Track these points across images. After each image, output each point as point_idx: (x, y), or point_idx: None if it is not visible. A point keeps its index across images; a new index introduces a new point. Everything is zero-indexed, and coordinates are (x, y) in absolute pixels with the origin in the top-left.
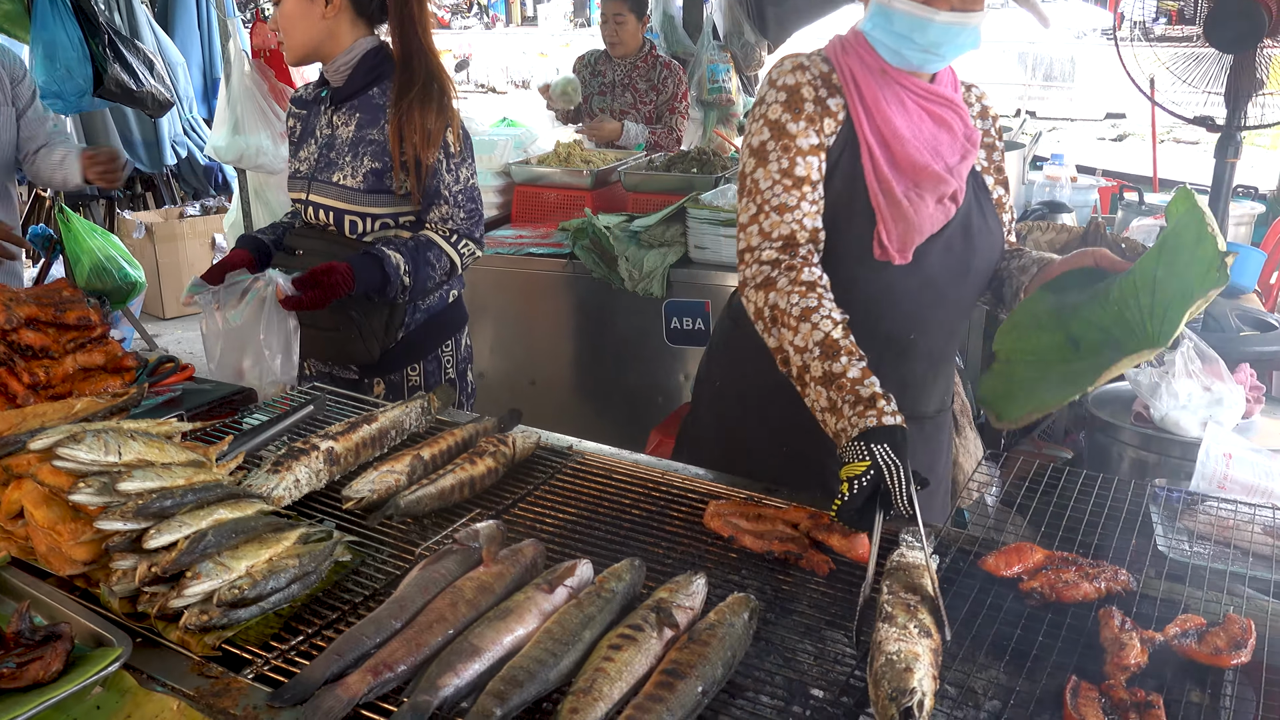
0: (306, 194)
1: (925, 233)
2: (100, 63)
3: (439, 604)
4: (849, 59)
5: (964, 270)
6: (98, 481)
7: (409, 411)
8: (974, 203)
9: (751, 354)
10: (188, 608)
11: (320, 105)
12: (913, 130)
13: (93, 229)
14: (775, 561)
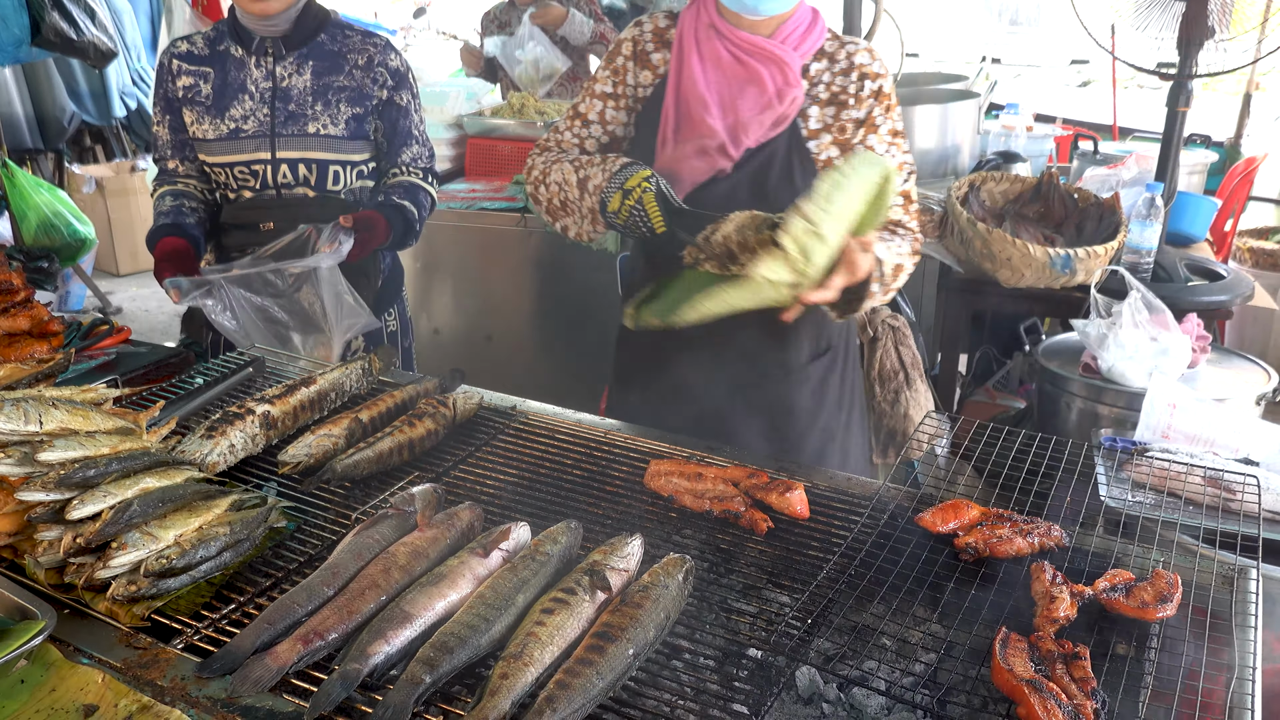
0: (272, 152)
1: (685, 181)
2: (37, 10)
3: (372, 570)
4: (689, 14)
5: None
6: (18, 452)
7: (349, 373)
8: (777, 156)
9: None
10: (115, 578)
11: (244, 58)
12: (713, 83)
13: (39, 184)
14: (715, 521)
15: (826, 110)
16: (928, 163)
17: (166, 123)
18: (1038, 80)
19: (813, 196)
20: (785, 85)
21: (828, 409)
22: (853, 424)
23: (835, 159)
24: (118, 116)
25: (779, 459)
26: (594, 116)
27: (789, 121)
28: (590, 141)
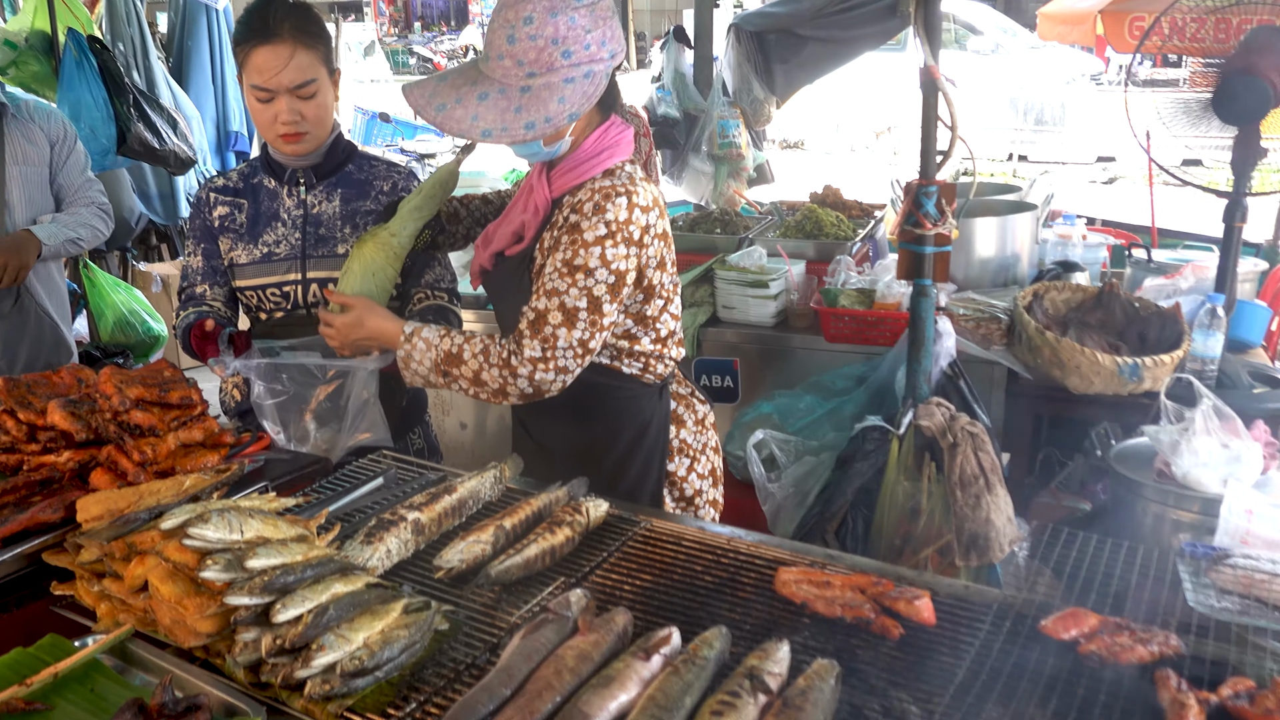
0: (302, 273)
1: (474, 266)
2: (124, 122)
3: (544, 672)
4: None
5: (499, 316)
6: (223, 559)
7: (484, 481)
8: (512, 269)
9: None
10: (310, 678)
11: (276, 188)
12: (521, 194)
13: (116, 283)
14: (848, 626)
15: (555, 233)
16: (988, 272)
17: (201, 250)
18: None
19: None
20: (526, 211)
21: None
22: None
23: (544, 271)
24: (183, 217)
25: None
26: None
27: (527, 241)
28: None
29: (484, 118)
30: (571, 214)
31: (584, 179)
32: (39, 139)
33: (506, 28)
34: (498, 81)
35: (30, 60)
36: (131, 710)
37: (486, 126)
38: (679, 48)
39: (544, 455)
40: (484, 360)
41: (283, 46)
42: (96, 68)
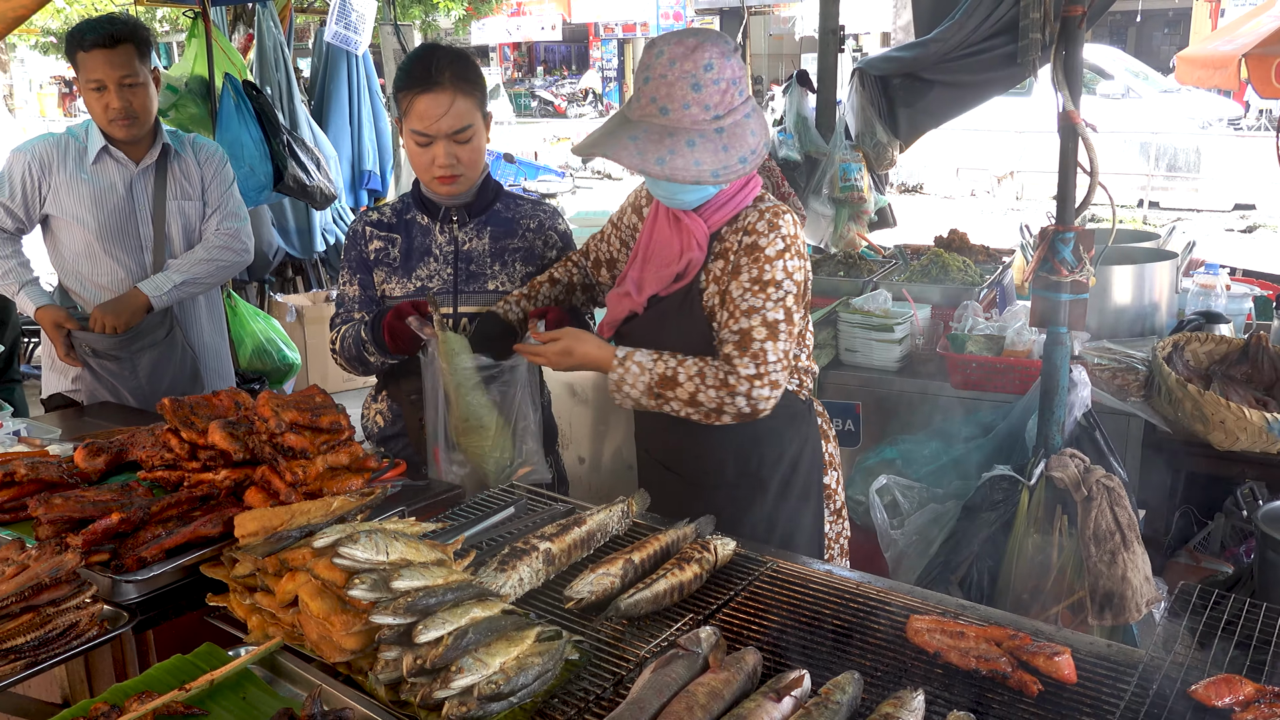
0: (454, 307)
1: (611, 317)
2: (280, 160)
3: (675, 707)
4: None
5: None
6: (370, 579)
7: (612, 514)
8: (675, 305)
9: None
10: (449, 699)
11: (429, 225)
12: (654, 240)
13: (255, 313)
14: (982, 680)
15: (717, 264)
16: (1124, 321)
17: (356, 281)
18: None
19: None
20: (688, 249)
21: (788, 507)
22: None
23: (715, 307)
24: (318, 251)
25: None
26: (607, 234)
27: (689, 278)
28: (602, 253)
29: (705, 162)
30: (745, 236)
31: (739, 210)
32: (194, 173)
33: (688, 78)
34: (689, 130)
35: (189, 103)
36: (284, 718)
37: (713, 168)
38: (801, 91)
39: (691, 483)
40: (700, 382)
41: (443, 94)
42: (252, 110)
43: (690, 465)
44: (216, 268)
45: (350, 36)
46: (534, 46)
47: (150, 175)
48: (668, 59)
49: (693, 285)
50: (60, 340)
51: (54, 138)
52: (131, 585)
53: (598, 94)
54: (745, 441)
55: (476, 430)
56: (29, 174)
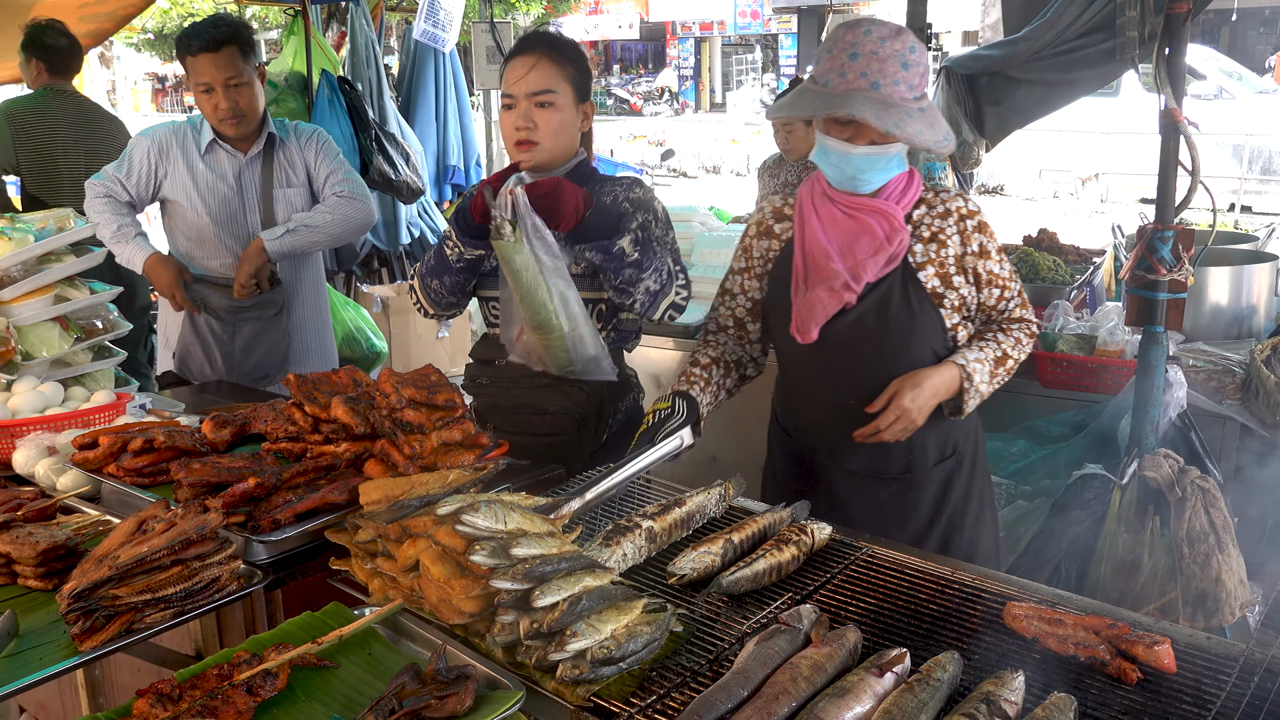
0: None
1: (817, 316)
2: (367, 154)
3: (779, 678)
4: (805, 189)
5: (880, 344)
6: (490, 545)
7: (710, 497)
8: (896, 288)
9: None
10: (563, 661)
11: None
12: (832, 237)
13: (346, 301)
14: (1080, 666)
15: (929, 246)
16: (1220, 323)
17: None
18: None
19: None
20: (892, 230)
21: (949, 511)
22: (980, 527)
23: (937, 287)
24: (403, 244)
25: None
26: (736, 290)
27: (899, 259)
28: (740, 310)
29: (924, 132)
30: (965, 220)
31: (919, 192)
32: (297, 160)
33: (898, 56)
34: (899, 104)
35: (288, 98)
36: (409, 673)
37: (931, 139)
38: None
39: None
40: (1021, 348)
41: (529, 57)
42: (344, 105)
43: (897, 460)
44: (335, 218)
45: (438, 34)
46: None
47: (257, 164)
48: (877, 37)
49: (905, 269)
50: (169, 281)
51: (175, 126)
52: (264, 546)
53: (674, 92)
54: (946, 426)
55: (543, 326)
56: (147, 158)
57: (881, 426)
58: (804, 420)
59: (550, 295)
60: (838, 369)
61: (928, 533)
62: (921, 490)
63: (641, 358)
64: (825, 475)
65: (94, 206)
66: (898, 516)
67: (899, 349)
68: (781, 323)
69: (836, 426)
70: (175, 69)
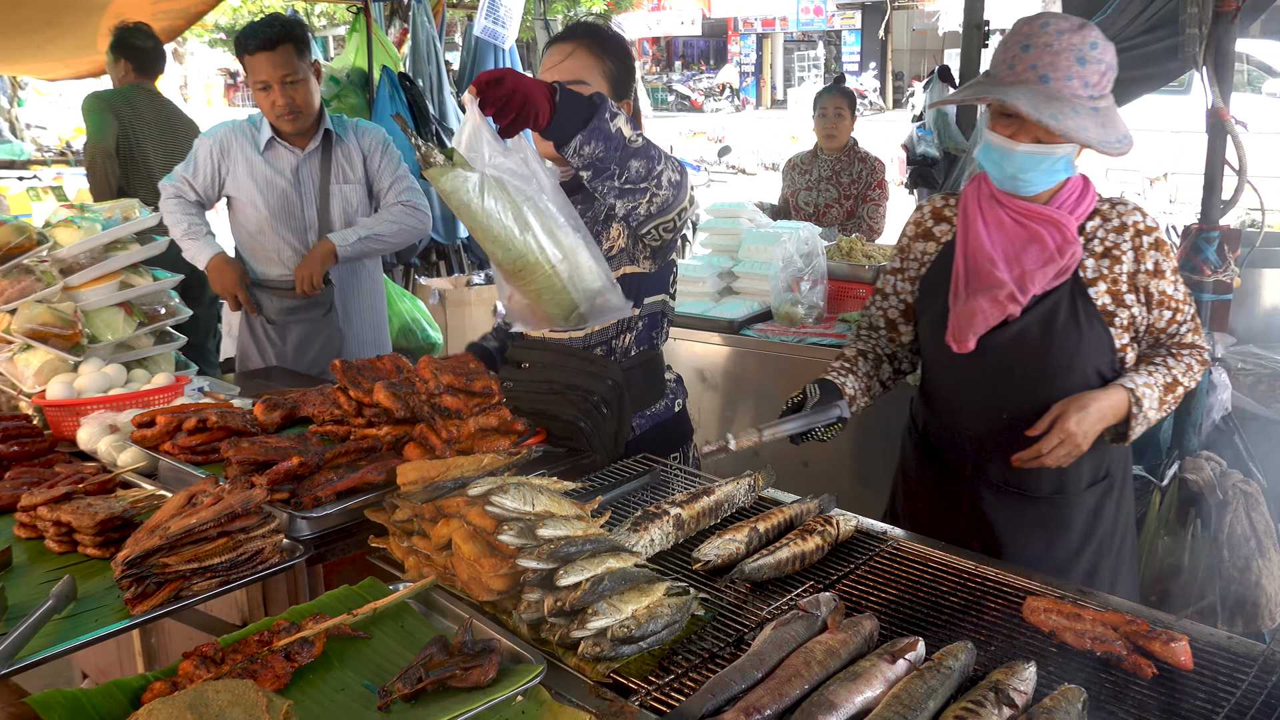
0: None
1: (976, 326)
2: None
3: (794, 661)
4: (971, 189)
5: (1042, 359)
6: (517, 526)
7: (739, 487)
8: (1064, 303)
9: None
10: (585, 639)
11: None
12: (998, 243)
13: (402, 293)
14: (1095, 660)
15: (1101, 262)
16: (1274, 326)
17: None
18: None
19: None
20: (1064, 242)
21: (1099, 535)
22: (1123, 553)
23: (1108, 305)
24: (461, 238)
25: (1155, 611)
26: (889, 290)
27: (1070, 273)
28: (892, 311)
29: (1089, 130)
30: (1142, 236)
31: (1094, 202)
32: (356, 157)
33: (1075, 50)
34: (1068, 99)
35: (349, 93)
36: (437, 645)
37: (1100, 138)
38: (943, 87)
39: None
40: (1192, 375)
41: (567, 44)
42: (405, 100)
43: (1048, 480)
44: (399, 229)
45: (498, 31)
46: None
47: (315, 160)
48: (1054, 30)
49: (1076, 283)
50: (230, 282)
51: (236, 124)
52: (306, 522)
53: (735, 89)
54: (1102, 448)
55: (524, 269)
56: (210, 157)
57: (1043, 450)
58: (950, 431)
59: (525, 223)
60: (994, 382)
61: (1076, 558)
62: (1072, 513)
63: (686, 352)
64: (969, 489)
65: (166, 206)
66: (1044, 538)
67: (1062, 367)
68: (934, 329)
69: (986, 441)
70: None
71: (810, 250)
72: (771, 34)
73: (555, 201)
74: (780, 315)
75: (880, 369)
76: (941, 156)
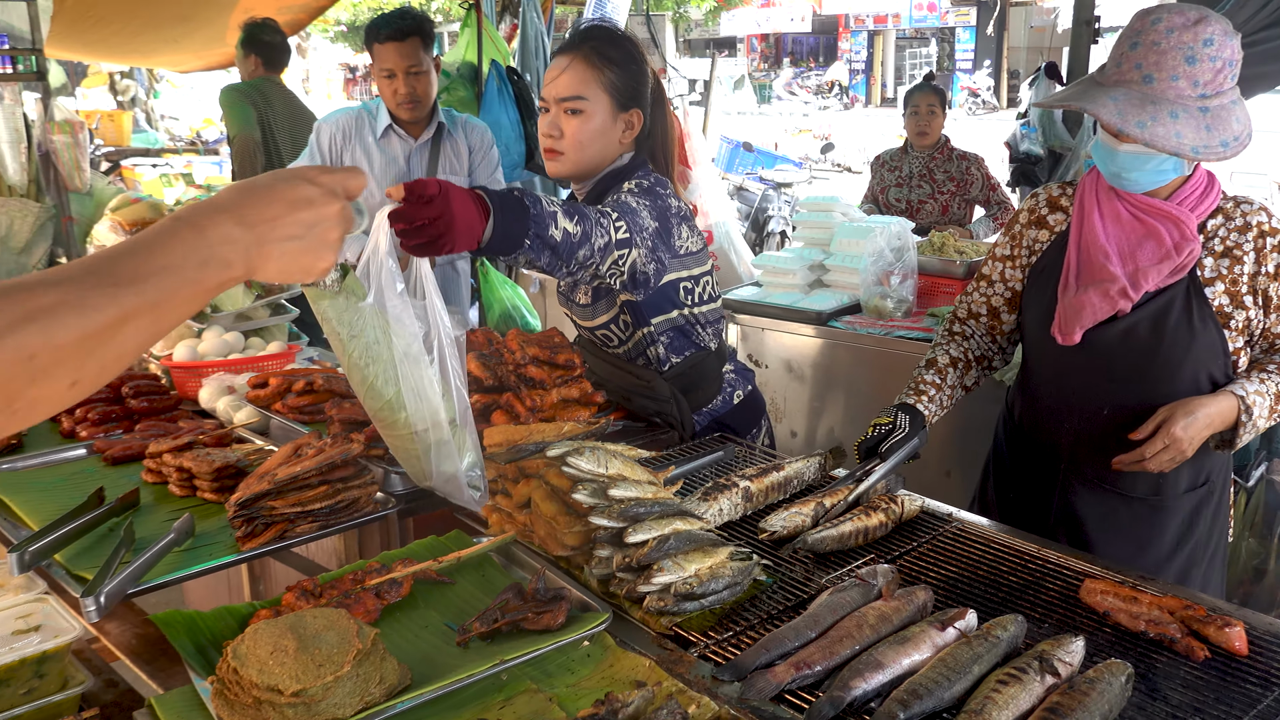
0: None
1: (1084, 319)
2: (532, 141)
3: (846, 624)
4: (1089, 179)
5: (1149, 358)
6: (591, 486)
7: (809, 465)
8: (1178, 302)
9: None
10: (649, 594)
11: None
12: (1112, 236)
13: (504, 280)
14: (1148, 642)
15: (1220, 261)
16: None
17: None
18: None
19: None
20: (1182, 240)
21: (1194, 541)
22: (1215, 561)
23: (1225, 306)
24: None
25: (1214, 599)
26: (996, 277)
27: (1186, 271)
28: (996, 298)
29: (1186, 136)
30: (1257, 235)
31: (1217, 199)
32: (462, 150)
33: (1183, 49)
34: (1172, 101)
35: (459, 86)
36: (513, 591)
37: (1193, 144)
38: (1049, 84)
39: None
40: None
41: (564, 58)
42: (513, 93)
43: (1146, 481)
44: None
45: None
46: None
47: (426, 150)
48: (1165, 27)
49: (1192, 282)
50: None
51: (354, 111)
52: (399, 478)
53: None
54: (1203, 453)
55: (382, 416)
56: (334, 141)
57: (1147, 455)
58: (1048, 424)
59: (394, 378)
60: (1097, 378)
61: (1167, 563)
62: (1168, 516)
63: (774, 343)
64: (1061, 484)
65: None
66: (1137, 540)
67: (1171, 367)
68: (1041, 319)
69: (1084, 436)
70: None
71: (901, 245)
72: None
73: (443, 362)
74: (869, 308)
75: (968, 375)
76: (1046, 154)
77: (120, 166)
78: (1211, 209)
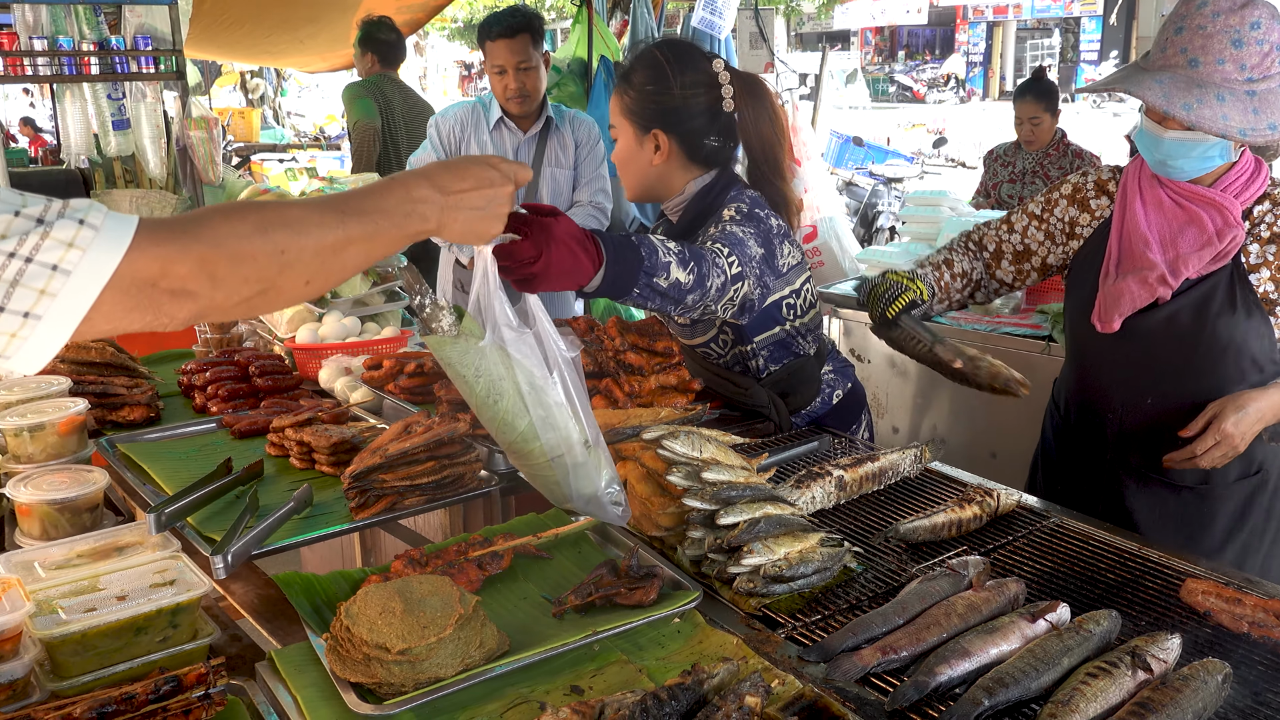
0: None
1: (1123, 307)
2: None
3: (934, 611)
4: (1133, 167)
5: (1192, 346)
6: (685, 469)
7: (905, 457)
8: (1221, 289)
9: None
10: (740, 575)
11: None
12: (1154, 223)
13: None
14: (1252, 643)
15: (1267, 248)
16: None
17: None
18: None
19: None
20: (1225, 226)
21: (1247, 529)
22: (1274, 552)
23: (1271, 293)
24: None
25: None
26: (1018, 227)
27: (1229, 258)
28: (1006, 246)
29: (1231, 118)
30: None
31: (1264, 185)
32: (569, 145)
33: (1229, 32)
34: (1219, 85)
35: (569, 82)
36: (608, 567)
37: (1240, 126)
38: None
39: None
40: None
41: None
42: None
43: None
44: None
45: (715, 21)
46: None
47: (534, 143)
48: (1211, 10)
49: (1236, 268)
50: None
51: (469, 105)
52: (501, 456)
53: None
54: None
55: (516, 448)
56: (453, 134)
57: (1198, 452)
58: (1093, 415)
59: (523, 409)
60: (1139, 366)
61: (1219, 553)
62: (1218, 505)
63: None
64: (1109, 474)
65: None
66: (1186, 529)
67: (1214, 354)
68: (1082, 307)
69: (1129, 426)
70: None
71: None
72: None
73: (566, 386)
74: (976, 304)
75: (962, 294)
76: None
77: (250, 161)
78: (1258, 195)
